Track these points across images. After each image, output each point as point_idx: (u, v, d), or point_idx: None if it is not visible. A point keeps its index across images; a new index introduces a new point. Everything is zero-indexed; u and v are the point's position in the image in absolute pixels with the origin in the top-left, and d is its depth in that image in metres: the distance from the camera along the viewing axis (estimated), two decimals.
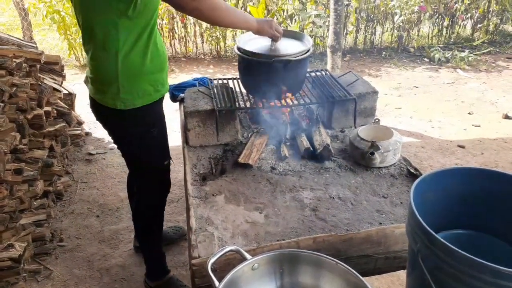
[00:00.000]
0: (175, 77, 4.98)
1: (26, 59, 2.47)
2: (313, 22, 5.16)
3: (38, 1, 5.14)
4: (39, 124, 2.52)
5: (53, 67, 3.14)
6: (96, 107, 1.63)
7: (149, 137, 1.68)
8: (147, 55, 1.50)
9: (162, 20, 5.22)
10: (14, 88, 2.26)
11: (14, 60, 2.29)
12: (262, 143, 1.83)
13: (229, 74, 5.13)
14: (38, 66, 2.60)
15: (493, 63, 5.34)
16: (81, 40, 1.49)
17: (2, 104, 2.09)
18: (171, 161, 1.85)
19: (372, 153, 1.65)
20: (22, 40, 3.02)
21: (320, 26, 5.19)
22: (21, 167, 2.19)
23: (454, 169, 1.08)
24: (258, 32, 1.72)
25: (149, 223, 1.92)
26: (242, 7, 5.53)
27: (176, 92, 2.34)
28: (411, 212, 0.94)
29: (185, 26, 5.55)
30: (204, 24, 5.46)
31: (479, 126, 3.77)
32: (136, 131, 1.64)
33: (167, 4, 1.50)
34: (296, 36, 1.95)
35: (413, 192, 0.98)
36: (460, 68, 5.14)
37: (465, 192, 1.08)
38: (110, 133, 1.74)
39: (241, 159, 1.72)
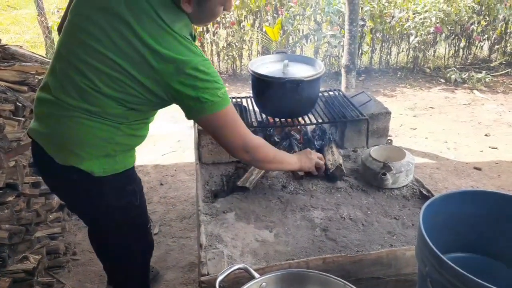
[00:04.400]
0: None
1: None
2: (328, 42, 5.21)
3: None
4: None
5: None
6: (57, 169, 1.34)
7: (132, 207, 1.50)
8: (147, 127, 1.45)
9: None
10: None
11: (36, 76, 2.37)
12: None
13: (244, 92, 5.19)
14: None
15: (511, 84, 5.28)
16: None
17: (23, 119, 2.16)
18: (151, 223, 1.74)
19: (384, 174, 1.64)
20: (45, 58, 3.12)
21: (335, 46, 5.24)
22: (38, 180, 2.24)
23: (462, 192, 1.08)
24: (302, 170, 1.68)
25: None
26: (258, 27, 5.62)
27: None
28: (420, 234, 0.94)
29: (202, 45, 5.66)
30: (221, 44, 5.57)
31: (496, 148, 3.71)
32: (117, 203, 1.44)
33: None
34: (308, 61, 1.98)
35: (423, 215, 0.98)
36: (477, 89, 5.09)
37: (473, 215, 1.08)
38: (78, 206, 1.51)
39: (239, 183, 1.71)
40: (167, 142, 3.85)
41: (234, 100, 2.20)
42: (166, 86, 1.22)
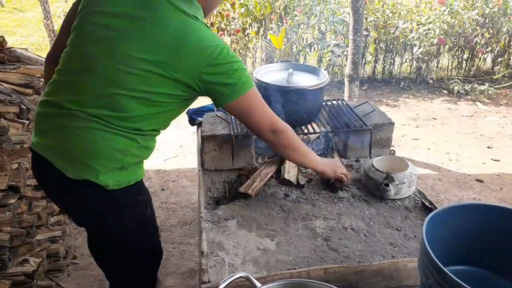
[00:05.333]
0: (196, 100, 5.06)
1: None
2: (332, 51, 5.23)
3: None
4: None
5: None
6: (66, 183, 1.30)
7: (144, 218, 1.48)
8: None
9: None
10: None
11: (41, 79, 2.38)
12: (268, 174, 1.83)
13: None
14: None
15: None
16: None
17: (27, 122, 2.17)
18: (159, 230, 1.71)
19: (387, 185, 1.64)
20: None
21: (339, 55, 5.26)
22: None
23: (464, 205, 1.08)
24: (321, 174, 1.67)
25: None
26: (263, 35, 5.66)
27: (195, 116, 2.39)
28: (423, 247, 0.94)
29: None
30: None
31: (498, 160, 3.71)
32: (130, 215, 1.42)
33: None
34: (312, 70, 1.99)
35: (426, 227, 0.98)
36: (480, 101, 5.10)
37: (475, 229, 1.07)
38: (86, 221, 1.47)
39: (242, 189, 1.71)
40: (169, 147, 3.86)
41: None
42: (198, 75, 1.24)
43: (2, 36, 2.47)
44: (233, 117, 2.02)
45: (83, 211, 1.41)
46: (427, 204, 1.64)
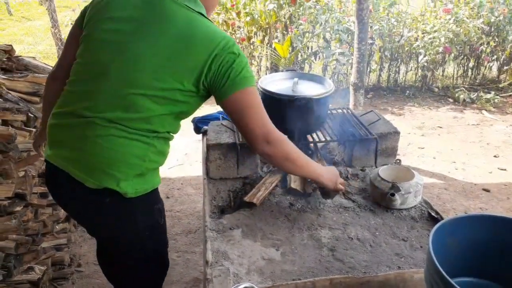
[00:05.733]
0: (200, 108, 5.07)
1: None
2: (337, 60, 5.24)
3: None
4: None
5: None
6: (83, 193, 1.31)
7: (157, 227, 1.50)
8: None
9: None
10: None
11: None
12: (273, 183, 1.83)
13: None
14: None
15: None
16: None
17: (34, 130, 2.18)
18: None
19: (393, 194, 1.63)
20: None
21: (344, 64, 5.27)
22: (47, 191, 2.26)
23: (471, 217, 1.07)
24: (323, 183, 1.56)
25: None
26: (268, 43, 5.68)
27: (200, 124, 2.39)
28: (429, 258, 0.93)
29: None
30: None
31: (505, 169, 3.68)
32: (145, 223, 1.43)
33: None
34: (318, 79, 2.00)
35: (432, 238, 0.97)
36: (486, 110, 5.08)
37: (482, 240, 1.07)
38: (103, 229, 1.47)
39: (247, 198, 1.70)
40: (174, 155, 3.87)
41: None
42: (205, 64, 1.25)
43: (11, 45, 2.50)
44: None
45: (100, 220, 1.41)
46: (433, 214, 1.62)
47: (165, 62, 1.25)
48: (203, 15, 1.33)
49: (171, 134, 1.43)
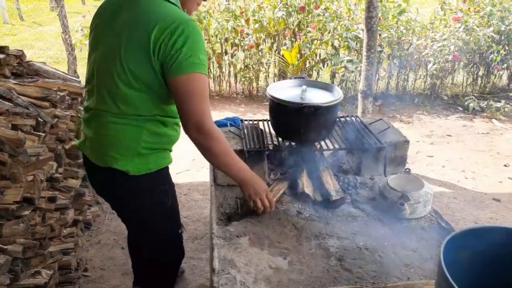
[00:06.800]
0: None
1: (69, 93, 2.61)
2: (345, 67, 5.23)
3: (84, 37, 5.48)
4: (75, 155, 2.62)
5: None
6: (99, 172, 1.55)
7: (164, 207, 1.63)
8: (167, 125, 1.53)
9: None
10: (56, 120, 2.38)
11: (58, 93, 2.42)
12: (280, 190, 1.82)
13: (260, 114, 5.22)
14: (79, 99, 2.73)
15: None
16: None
17: (43, 134, 2.19)
18: (183, 229, 1.80)
19: (402, 204, 1.61)
20: (67, 74, 3.19)
21: (352, 71, 5.26)
22: (55, 195, 2.27)
23: (484, 228, 1.05)
24: (241, 186, 1.59)
25: None
26: (276, 50, 5.69)
27: None
28: (441, 271, 0.91)
29: (220, 67, 5.74)
30: (238, 66, 5.64)
31: None
32: (151, 201, 1.59)
33: (205, 46, 1.60)
34: (326, 87, 1.99)
35: (443, 250, 0.95)
36: (496, 119, 5.03)
37: (494, 252, 1.04)
38: (117, 204, 1.68)
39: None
40: (181, 161, 3.87)
41: (250, 122, 2.20)
42: (161, 40, 1.31)
43: (22, 51, 2.52)
44: (246, 133, 2.03)
45: (112, 195, 1.64)
46: (443, 224, 1.60)
47: (134, 46, 1.35)
48: (174, 4, 1.42)
49: (164, 117, 1.50)
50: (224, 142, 1.47)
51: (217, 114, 5.16)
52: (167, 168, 1.62)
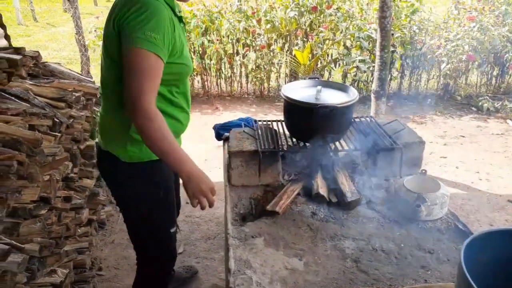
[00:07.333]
0: (219, 115, 5.12)
1: (84, 93, 2.63)
2: (357, 67, 5.20)
3: (97, 38, 5.53)
4: (90, 155, 2.64)
5: None
6: (100, 154, 1.63)
7: (155, 199, 1.61)
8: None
9: (211, 60, 5.44)
10: (71, 120, 2.40)
11: (74, 94, 2.45)
12: (294, 191, 1.81)
13: (271, 114, 5.21)
14: (94, 99, 2.76)
15: None
16: None
17: (59, 134, 2.22)
18: (177, 229, 1.76)
19: (419, 206, 1.60)
20: (81, 75, 3.23)
21: (364, 71, 5.22)
22: (70, 195, 2.29)
23: (505, 230, 1.03)
24: (184, 182, 1.45)
25: None
26: (288, 50, 5.68)
27: (221, 131, 2.40)
28: (462, 275, 0.90)
29: (231, 67, 5.75)
30: (250, 66, 5.64)
31: None
32: (141, 190, 1.58)
33: (217, 46, 1.62)
34: (341, 87, 1.98)
35: (463, 253, 0.94)
36: (510, 119, 4.95)
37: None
38: (113, 190, 1.70)
39: (269, 207, 1.69)
40: (194, 161, 3.88)
41: (264, 123, 2.20)
42: (116, 17, 1.36)
43: (37, 52, 2.55)
44: (260, 133, 2.03)
45: (109, 179, 1.67)
46: (460, 226, 1.58)
47: (110, 33, 1.40)
48: None
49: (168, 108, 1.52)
50: (162, 126, 1.33)
51: (228, 114, 5.17)
52: (161, 162, 1.45)
